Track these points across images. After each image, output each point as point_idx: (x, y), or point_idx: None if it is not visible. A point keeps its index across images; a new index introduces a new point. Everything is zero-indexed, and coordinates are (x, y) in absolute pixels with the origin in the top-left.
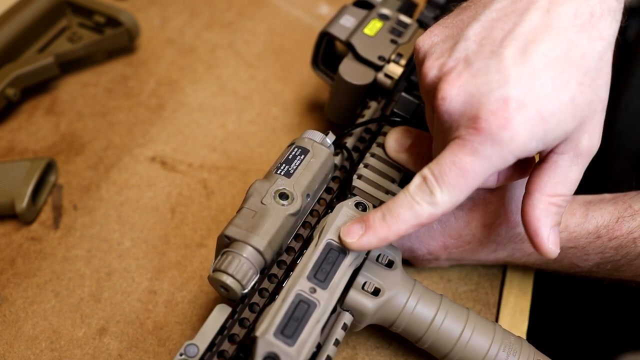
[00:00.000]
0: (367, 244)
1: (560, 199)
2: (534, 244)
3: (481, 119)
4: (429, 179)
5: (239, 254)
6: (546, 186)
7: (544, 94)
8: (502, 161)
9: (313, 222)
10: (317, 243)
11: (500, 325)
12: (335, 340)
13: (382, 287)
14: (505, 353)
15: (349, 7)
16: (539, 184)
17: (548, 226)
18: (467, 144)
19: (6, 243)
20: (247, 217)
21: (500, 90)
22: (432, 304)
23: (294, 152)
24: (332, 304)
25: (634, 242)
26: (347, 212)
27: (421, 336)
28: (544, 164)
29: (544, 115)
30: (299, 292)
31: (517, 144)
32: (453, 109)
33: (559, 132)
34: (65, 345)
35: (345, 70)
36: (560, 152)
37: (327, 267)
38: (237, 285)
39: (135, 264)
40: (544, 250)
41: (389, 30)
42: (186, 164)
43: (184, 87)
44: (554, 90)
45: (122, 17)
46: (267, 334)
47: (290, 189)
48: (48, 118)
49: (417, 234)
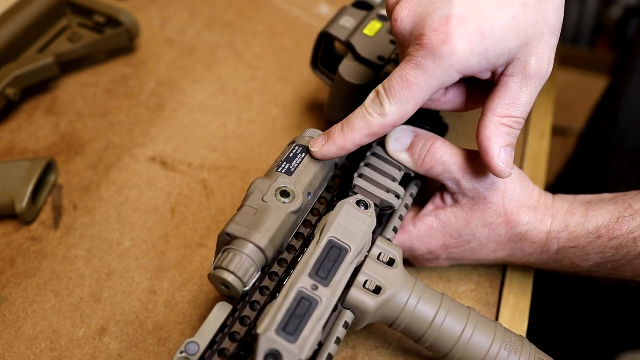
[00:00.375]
0: (328, 152)
1: (512, 120)
2: (485, 163)
3: (425, 36)
4: (380, 92)
5: (240, 252)
6: (497, 107)
7: (485, 12)
8: (445, 75)
9: (314, 221)
10: (318, 241)
11: (501, 324)
12: (336, 338)
13: (383, 286)
14: (506, 352)
15: (348, 8)
16: (491, 106)
17: (499, 145)
18: (412, 59)
19: (6, 243)
20: (249, 215)
21: (443, 10)
22: (433, 303)
23: (295, 150)
24: (334, 302)
25: (634, 242)
26: (348, 209)
27: (422, 335)
28: (497, 87)
29: (483, 31)
30: (301, 289)
31: (457, 57)
32: (404, 29)
33: (502, 49)
34: (65, 345)
35: (346, 70)
36: (509, 75)
37: (329, 265)
38: (239, 282)
39: (135, 264)
40: (494, 167)
41: (389, 31)
42: (186, 164)
43: (184, 87)
44: (495, 9)
45: (122, 17)
46: (269, 331)
47: (291, 186)
48: (48, 118)
49: (418, 234)
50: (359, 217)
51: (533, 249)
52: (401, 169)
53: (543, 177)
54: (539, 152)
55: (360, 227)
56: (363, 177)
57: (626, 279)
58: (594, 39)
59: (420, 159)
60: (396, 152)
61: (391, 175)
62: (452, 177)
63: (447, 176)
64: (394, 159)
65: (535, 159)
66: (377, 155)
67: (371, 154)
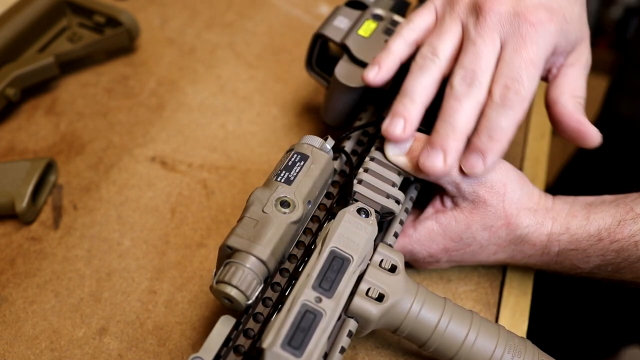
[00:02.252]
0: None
1: (581, 99)
2: (581, 135)
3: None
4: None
5: (242, 265)
6: (567, 90)
7: (565, 3)
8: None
9: (314, 229)
10: (320, 251)
11: (504, 327)
12: (341, 347)
13: (386, 293)
14: (510, 355)
15: (342, 7)
16: (561, 90)
17: (584, 116)
18: (526, 38)
19: (6, 243)
20: (249, 227)
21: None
22: (436, 308)
23: (294, 158)
24: (337, 313)
25: (635, 246)
26: (349, 218)
27: (426, 340)
28: (559, 76)
29: (566, 17)
30: (305, 302)
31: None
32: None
33: (573, 36)
34: (65, 345)
35: (342, 73)
36: (569, 64)
37: (332, 276)
38: (242, 296)
39: (135, 264)
40: (593, 138)
41: (384, 31)
42: (186, 164)
43: (184, 87)
44: (569, 4)
45: (122, 17)
46: (275, 345)
47: (291, 196)
48: (48, 118)
49: (418, 238)
50: (360, 226)
51: (533, 251)
52: (400, 173)
53: (543, 178)
54: (539, 152)
55: (362, 236)
56: (362, 183)
57: (626, 281)
58: (594, 39)
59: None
60: (395, 156)
61: (390, 180)
62: (451, 180)
63: (447, 179)
64: (393, 163)
65: (535, 159)
66: (375, 160)
67: (369, 159)
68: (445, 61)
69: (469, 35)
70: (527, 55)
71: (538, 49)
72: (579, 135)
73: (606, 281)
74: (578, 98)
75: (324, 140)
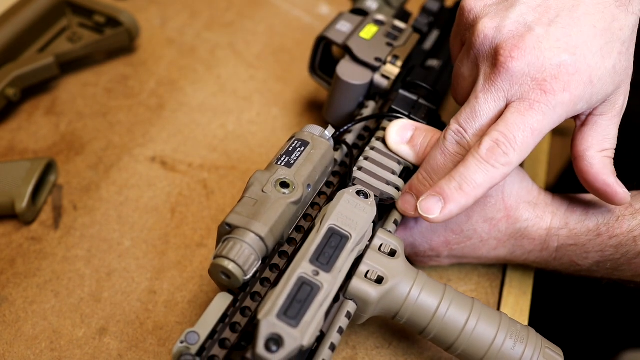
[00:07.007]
0: (450, 214)
1: (609, 152)
2: (607, 197)
3: (547, 82)
4: (501, 141)
5: (240, 240)
6: (594, 144)
7: (594, 61)
8: (558, 119)
9: (314, 215)
10: (319, 229)
11: (506, 315)
12: (339, 327)
13: (385, 275)
14: (512, 341)
15: (344, 13)
16: (587, 144)
17: (613, 174)
18: (534, 104)
19: (6, 243)
20: (249, 205)
21: (560, 57)
22: (436, 293)
23: (294, 144)
24: (335, 288)
25: (634, 241)
26: (348, 198)
27: (426, 326)
28: (586, 127)
29: (593, 80)
30: (302, 274)
31: (573, 104)
32: (517, 68)
33: (601, 95)
34: (65, 345)
35: (343, 71)
36: (599, 114)
37: (330, 252)
38: (239, 271)
39: (135, 264)
40: (620, 196)
41: (385, 34)
42: (186, 164)
43: (184, 87)
44: (602, 59)
45: (122, 17)
46: (270, 315)
47: (291, 178)
48: (48, 118)
49: (420, 229)
50: (359, 206)
51: (533, 246)
52: (400, 162)
53: (543, 177)
54: (539, 152)
55: (361, 216)
56: (362, 170)
57: (625, 279)
58: None
59: (421, 151)
60: (397, 144)
61: (390, 169)
62: None
63: None
64: (394, 151)
65: (535, 159)
66: (376, 150)
67: (370, 148)
68: None
69: (477, 84)
70: (530, 121)
71: (544, 119)
72: (605, 196)
73: (605, 280)
74: (607, 151)
75: (324, 129)
